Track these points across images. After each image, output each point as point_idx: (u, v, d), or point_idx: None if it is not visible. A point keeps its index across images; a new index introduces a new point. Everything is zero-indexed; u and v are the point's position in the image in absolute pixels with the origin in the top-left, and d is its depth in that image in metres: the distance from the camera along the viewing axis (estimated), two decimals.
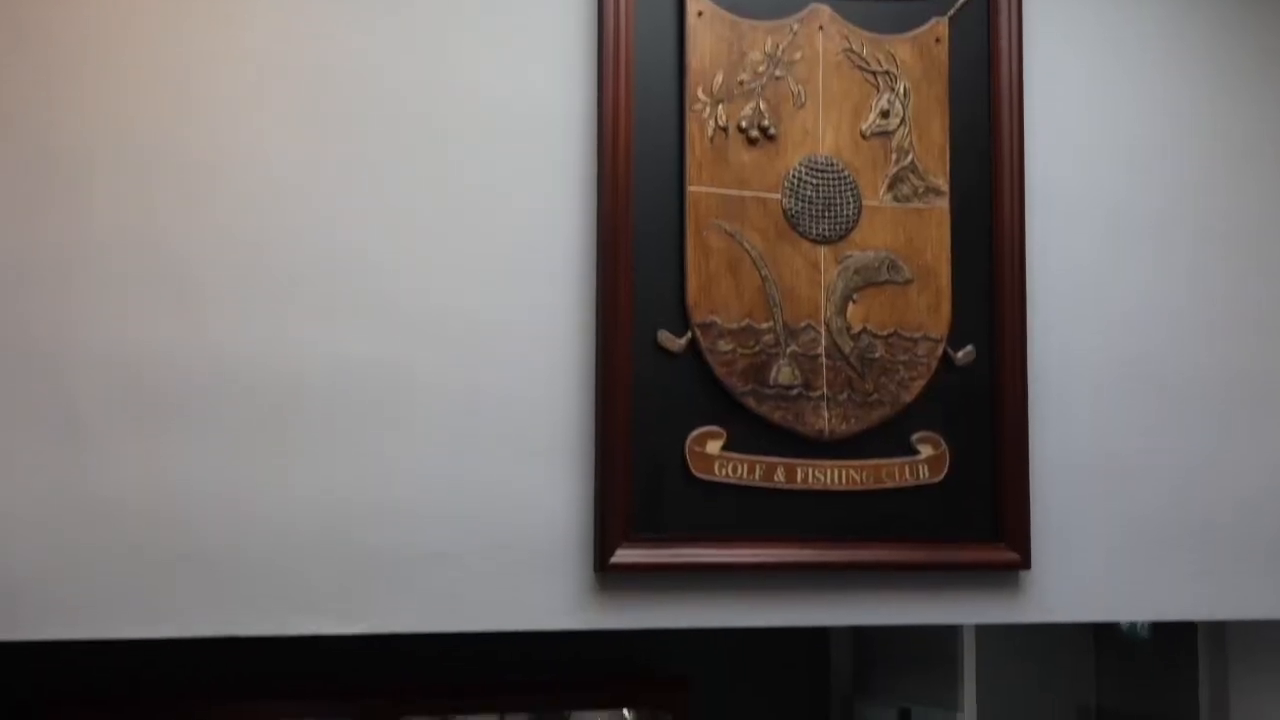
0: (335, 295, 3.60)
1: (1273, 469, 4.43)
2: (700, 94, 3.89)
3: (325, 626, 3.56)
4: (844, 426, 3.95)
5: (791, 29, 4.01)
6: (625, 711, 6.65)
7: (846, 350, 3.96)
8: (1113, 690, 6.36)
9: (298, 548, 3.53)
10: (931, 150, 4.10)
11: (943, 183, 4.10)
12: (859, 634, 6.70)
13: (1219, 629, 5.64)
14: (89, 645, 3.55)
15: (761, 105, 3.95)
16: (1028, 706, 6.36)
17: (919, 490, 4.02)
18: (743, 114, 3.93)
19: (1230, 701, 5.63)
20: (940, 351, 4.06)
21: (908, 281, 4.04)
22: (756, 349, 3.89)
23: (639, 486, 3.76)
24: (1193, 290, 4.41)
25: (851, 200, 4.01)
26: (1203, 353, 4.39)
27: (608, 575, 3.74)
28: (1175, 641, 5.83)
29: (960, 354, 4.08)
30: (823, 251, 3.98)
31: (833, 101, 4.02)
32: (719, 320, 3.86)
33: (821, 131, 4.01)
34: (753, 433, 3.89)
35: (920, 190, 4.08)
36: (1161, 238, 4.39)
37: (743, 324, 3.88)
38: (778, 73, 3.98)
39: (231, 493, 3.49)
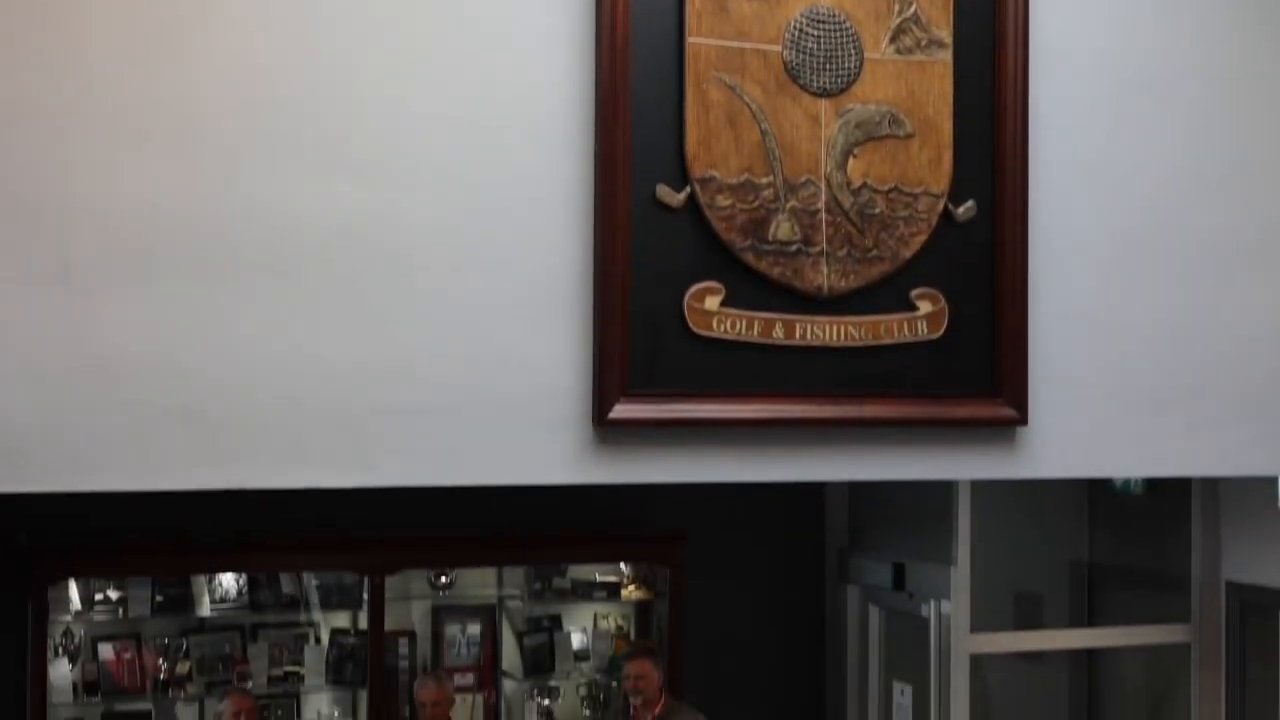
0: (333, 150, 3.56)
1: (1269, 327, 4.42)
2: None
3: (324, 479, 3.58)
4: (843, 282, 3.93)
5: None
6: (623, 565, 6.72)
7: (846, 205, 3.93)
8: (1106, 545, 6.42)
9: (297, 401, 3.53)
10: (935, 1, 4.02)
11: (946, 35, 4.03)
12: (855, 489, 6.74)
13: (1212, 485, 5.68)
14: (92, 496, 3.56)
15: None
16: (1022, 561, 6.43)
17: (917, 346, 4.02)
18: None
19: (1222, 556, 5.69)
20: (941, 207, 4.03)
21: (909, 136, 4.00)
22: (756, 204, 3.86)
23: (637, 342, 3.76)
24: (1192, 149, 4.36)
25: (853, 52, 3.95)
26: (1202, 211, 4.36)
27: (606, 430, 3.75)
28: (1169, 497, 5.88)
29: (961, 210, 4.05)
30: (823, 105, 3.92)
31: None
32: (718, 175, 3.83)
33: None
34: (752, 288, 3.87)
35: (923, 43, 4.02)
36: (1163, 96, 4.33)
37: (742, 179, 3.85)
38: None
39: (229, 346, 3.48)
